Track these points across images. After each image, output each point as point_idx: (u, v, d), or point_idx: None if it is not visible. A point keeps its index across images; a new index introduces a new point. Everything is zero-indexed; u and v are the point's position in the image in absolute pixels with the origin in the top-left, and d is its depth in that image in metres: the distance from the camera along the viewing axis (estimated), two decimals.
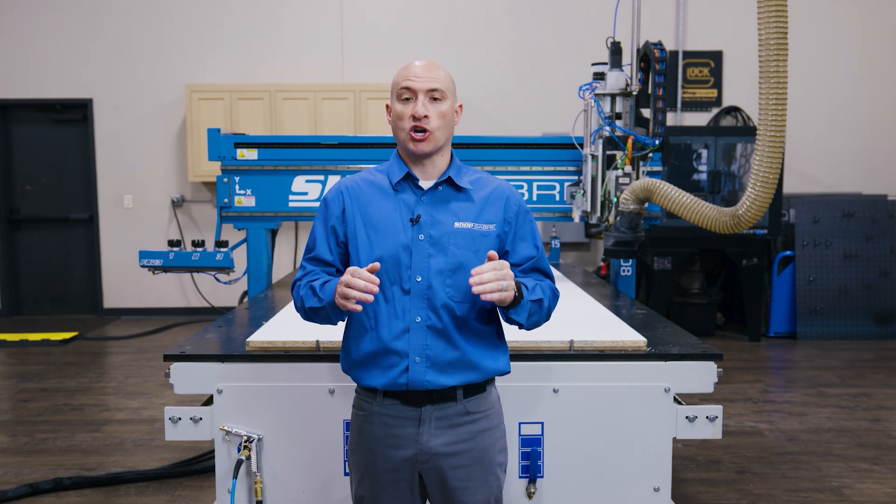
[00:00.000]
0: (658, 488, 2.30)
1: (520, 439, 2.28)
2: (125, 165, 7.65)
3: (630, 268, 3.92)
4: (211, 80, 7.48)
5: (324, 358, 2.28)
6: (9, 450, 4.07)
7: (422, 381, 1.81)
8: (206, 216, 7.69)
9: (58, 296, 7.95)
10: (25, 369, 5.73)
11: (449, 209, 1.87)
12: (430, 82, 1.83)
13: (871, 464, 3.84)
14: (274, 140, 3.82)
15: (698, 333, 6.53)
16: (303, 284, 1.88)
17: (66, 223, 7.84)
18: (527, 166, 3.79)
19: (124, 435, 4.28)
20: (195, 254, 3.64)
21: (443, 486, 1.86)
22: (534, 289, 1.84)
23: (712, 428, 2.30)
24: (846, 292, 6.67)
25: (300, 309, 1.90)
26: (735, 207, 2.88)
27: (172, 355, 2.30)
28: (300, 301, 1.88)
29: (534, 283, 1.86)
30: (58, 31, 7.50)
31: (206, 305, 7.71)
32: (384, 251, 1.83)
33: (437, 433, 1.84)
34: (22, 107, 7.66)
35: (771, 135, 2.66)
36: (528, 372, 2.26)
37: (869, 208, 6.69)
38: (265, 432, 2.26)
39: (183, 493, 3.48)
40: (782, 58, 2.57)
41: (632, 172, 3.44)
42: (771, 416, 4.61)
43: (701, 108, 7.60)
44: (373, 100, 7.16)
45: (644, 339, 2.38)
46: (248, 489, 2.28)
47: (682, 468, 3.75)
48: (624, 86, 3.54)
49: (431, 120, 1.82)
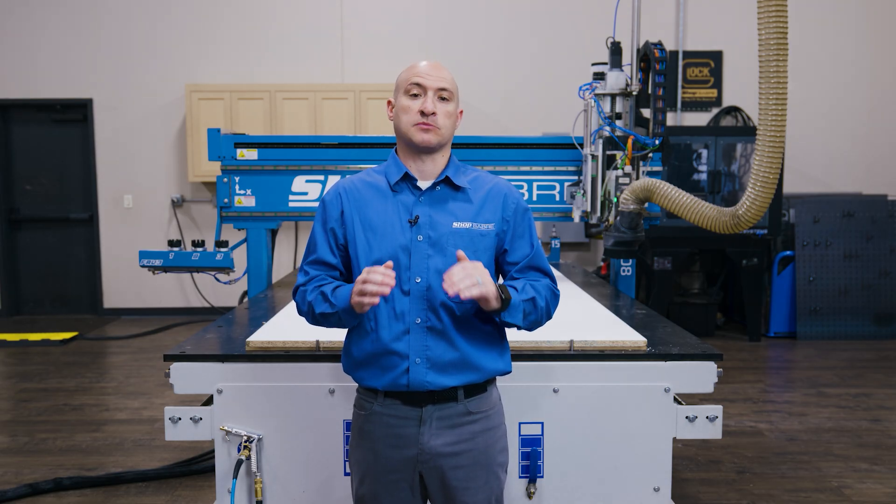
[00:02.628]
0: (658, 488, 2.30)
1: (520, 439, 2.28)
2: (125, 165, 7.66)
3: (630, 268, 3.92)
4: (211, 80, 7.48)
5: (324, 358, 2.28)
6: (9, 450, 4.07)
7: (422, 381, 1.81)
8: (206, 216, 7.69)
9: (58, 296, 7.95)
10: (25, 369, 5.73)
11: (447, 209, 1.86)
12: (440, 81, 1.84)
13: (871, 464, 3.84)
14: (274, 140, 3.82)
15: (698, 333, 6.53)
16: (310, 290, 1.86)
17: (66, 223, 7.84)
18: (527, 166, 3.79)
19: (124, 435, 4.27)
20: (195, 254, 3.63)
21: (443, 486, 1.86)
22: (524, 288, 1.83)
23: (712, 428, 2.30)
24: (846, 292, 6.67)
25: (306, 314, 1.88)
26: (735, 207, 2.87)
27: (172, 355, 2.30)
28: (307, 306, 1.85)
29: (524, 283, 1.85)
30: (58, 31, 7.50)
31: (206, 305, 7.71)
32: (383, 253, 1.83)
33: (438, 433, 1.84)
34: (22, 107, 7.67)
35: (771, 135, 2.66)
36: (528, 372, 2.26)
37: (869, 208, 6.69)
38: (265, 432, 2.26)
39: (183, 493, 3.48)
40: (782, 58, 2.57)
41: (632, 172, 3.44)
42: (771, 416, 4.61)
43: (701, 108, 7.60)
44: (373, 100, 7.16)
45: (644, 339, 2.38)
46: (248, 489, 2.28)
47: (682, 468, 3.75)
48: (624, 86, 3.54)
49: (439, 117, 1.83)
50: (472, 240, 1.85)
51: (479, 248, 1.86)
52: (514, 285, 1.83)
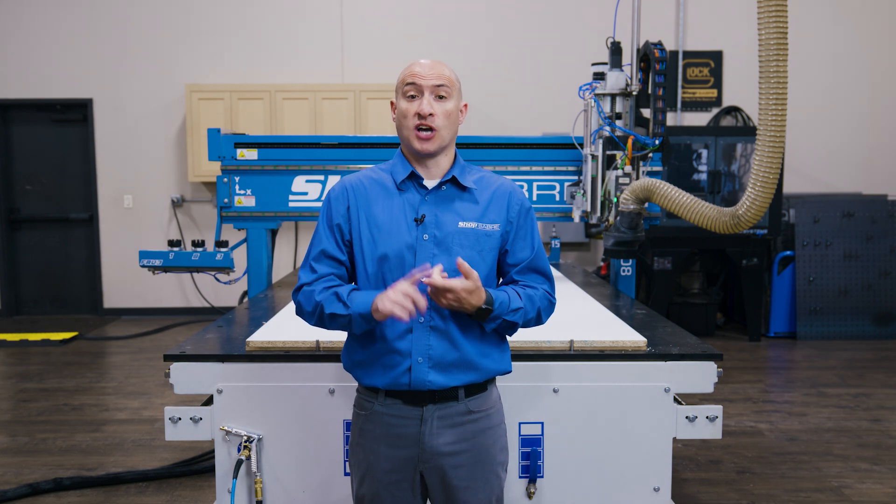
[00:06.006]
0: (658, 488, 2.30)
1: (520, 439, 2.28)
2: (125, 165, 7.65)
3: (630, 268, 3.92)
4: (211, 80, 7.48)
5: (324, 358, 2.28)
6: (9, 450, 4.07)
7: (424, 381, 1.81)
8: (206, 216, 7.69)
9: (58, 296, 7.95)
10: (25, 369, 5.73)
11: (453, 209, 1.86)
12: (436, 79, 1.82)
13: (871, 464, 3.84)
14: (274, 140, 3.82)
15: (698, 333, 6.56)
16: (318, 290, 1.82)
17: (66, 223, 7.84)
18: (527, 166, 3.80)
19: (124, 435, 4.28)
20: (195, 254, 3.64)
21: (444, 486, 1.86)
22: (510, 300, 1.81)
23: (712, 428, 2.30)
24: (846, 292, 6.67)
25: (310, 314, 1.84)
26: (735, 207, 2.88)
27: (172, 355, 2.30)
28: (313, 306, 1.82)
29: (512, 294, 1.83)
30: (58, 31, 7.50)
31: (206, 305, 7.71)
32: (388, 250, 1.82)
33: (438, 432, 1.84)
34: (22, 107, 7.66)
35: (771, 135, 2.66)
36: (528, 372, 2.26)
37: (869, 208, 6.69)
38: (265, 432, 2.27)
39: (183, 493, 3.48)
40: (782, 58, 2.57)
41: (632, 172, 3.44)
42: (771, 416, 4.61)
43: (701, 108, 7.60)
44: (373, 100, 7.16)
45: (644, 339, 2.38)
46: (248, 489, 2.28)
47: (682, 468, 3.75)
48: (624, 86, 3.54)
49: (437, 118, 1.81)
50: (478, 239, 1.85)
51: (485, 248, 1.85)
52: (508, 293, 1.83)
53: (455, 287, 1.69)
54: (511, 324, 1.84)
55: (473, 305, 1.74)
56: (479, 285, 1.73)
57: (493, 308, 1.77)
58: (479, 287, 1.73)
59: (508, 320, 1.82)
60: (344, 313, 1.78)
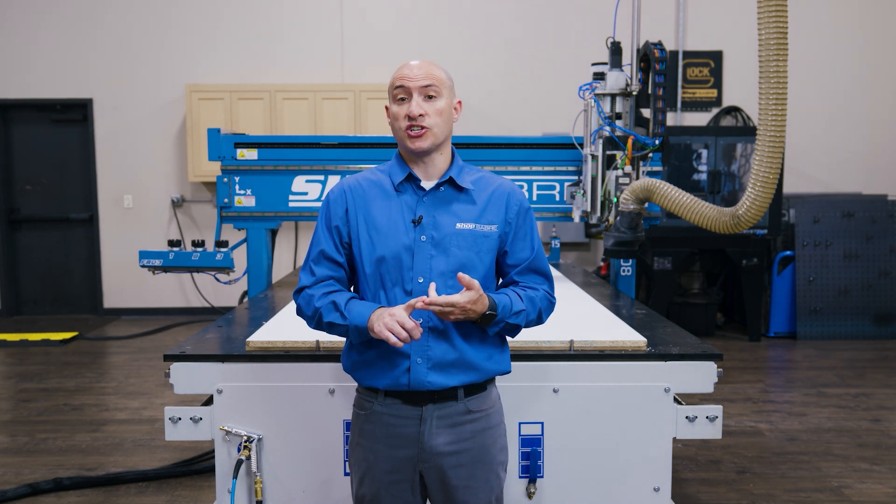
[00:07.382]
0: (658, 488, 2.30)
1: (520, 439, 2.28)
2: (125, 165, 7.65)
3: (630, 268, 3.92)
4: (211, 80, 7.48)
5: (324, 358, 2.28)
6: (9, 450, 4.07)
7: (423, 381, 1.81)
8: (206, 216, 7.69)
9: (58, 296, 7.95)
10: (25, 369, 5.73)
11: (451, 210, 1.86)
12: (424, 79, 1.81)
13: (871, 464, 3.84)
14: (274, 140, 3.82)
15: (698, 333, 6.56)
16: (318, 295, 1.84)
17: (66, 223, 7.84)
18: (527, 166, 3.80)
19: (124, 435, 4.28)
20: (195, 254, 3.64)
21: (444, 486, 1.86)
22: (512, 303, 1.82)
23: (712, 428, 2.30)
24: (846, 292, 6.67)
25: (310, 318, 1.85)
26: (735, 207, 2.88)
27: (172, 355, 2.30)
28: (313, 311, 1.83)
29: (514, 296, 1.84)
30: (58, 31, 7.50)
31: (206, 305, 7.71)
32: (386, 252, 1.82)
33: (438, 432, 1.84)
34: (22, 107, 7.66)
35: (771, 135, 2.66)
36: (528, 372, 2.26)
37: (869, 208, 6.69)
38: (265, 432, 2.26)
39: (183, 493, 3.48)
40: (782, 58, 2.57)
41: (632, 172, 3.44)
42: (771, 416, 4.61)
43: (701, 108, 7.60)
44: (373, 100, 7.16)
45: (644, 339, 2.38)
46: (248, 489, 2.28)
47: (682, 468, 3.75)
48: (624, 86, 3.54)
49: (428, 117, 1.81)
50: (475, 241, 1.85)
51: (483, 249, 1.86)
52: (508, 296, 1.83)
53: (458, 302, 1.70)
54: (514, 326, 1.84)
55: (478, 313, 1.75)
56: (481, 293, 1.74)
57: (496, 313, 1.78)
58: (482, 295, 1.74)
59: (511, 323, 1.82)
60: (342, 324, 1.79)
